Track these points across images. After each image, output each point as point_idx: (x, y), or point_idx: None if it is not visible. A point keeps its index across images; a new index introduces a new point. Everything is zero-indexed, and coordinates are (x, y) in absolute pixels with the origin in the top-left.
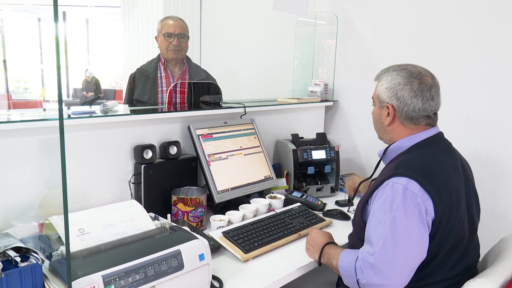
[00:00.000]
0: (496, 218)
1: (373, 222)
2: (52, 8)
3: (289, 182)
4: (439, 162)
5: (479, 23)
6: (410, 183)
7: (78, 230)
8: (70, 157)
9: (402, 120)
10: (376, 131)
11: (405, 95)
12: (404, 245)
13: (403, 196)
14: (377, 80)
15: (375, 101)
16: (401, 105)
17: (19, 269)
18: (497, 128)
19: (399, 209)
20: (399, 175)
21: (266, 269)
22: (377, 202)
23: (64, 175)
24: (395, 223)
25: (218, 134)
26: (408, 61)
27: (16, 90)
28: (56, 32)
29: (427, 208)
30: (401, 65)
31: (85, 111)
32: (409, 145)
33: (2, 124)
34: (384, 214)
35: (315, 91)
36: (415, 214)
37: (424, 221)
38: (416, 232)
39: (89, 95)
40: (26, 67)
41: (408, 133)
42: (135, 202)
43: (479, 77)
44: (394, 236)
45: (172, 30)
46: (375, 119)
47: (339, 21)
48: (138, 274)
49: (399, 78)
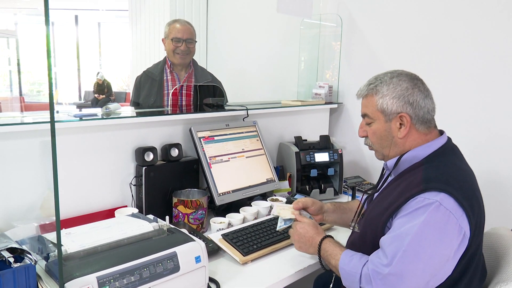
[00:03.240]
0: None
1: (393, 233)
2: (44, 12)
3: (292, 184)
4: (464, 172)
5: (485, 25)
6: (445, 199)
7: (75, 231)
8: (72, 159)
9: (417, 127)
10: (380, 149)
11: (417, 99)
12: (424, 263)
13: (435, 212)
14: (367, 95)
15: (375, 117)
16: (416, 110)
17: (13, 270)
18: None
19: (428, 226)
20: (432, 189)
21: (264, 271)
22: (403, 218)
23: (56, 177)
24: (421, 239)
25: (219, 136)
26: (413, 63)
27: (29, 93)
28: (48, 35)
29: (461, 225)
30: (390, 72)
31: (87, 113)
32: (426, 154)
33: (5, 127)
34: (409, 227)
35: (320, 94)
36: (446, 233)
37: (455, 242)
38: (443, 252)
39: (100, 98)
40: (40, 70)
41: (422, 140)
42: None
43: (485, 77)
44: (416, 253)
45: (181, 35)
46: (381, 136)
47: (343, 23)
48: (133, 275)
49: (404, 83)
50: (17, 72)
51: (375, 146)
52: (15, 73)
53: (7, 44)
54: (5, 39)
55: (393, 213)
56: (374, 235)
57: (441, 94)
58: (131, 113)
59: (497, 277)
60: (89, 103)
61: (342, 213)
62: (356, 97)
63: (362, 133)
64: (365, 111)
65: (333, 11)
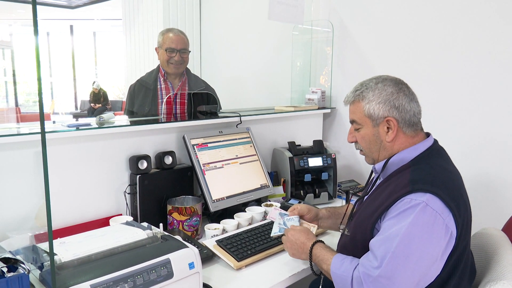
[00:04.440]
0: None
1: (382, 236)
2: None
3: (286, 190)
4: (450, 173)
5: (477, 30)
6: (431, 200)
7: (69, 240)
8: (67, 169)
9: (404, 130)
10: (369, 154)
11: (403, 102)
12: (413, 263)
13: (422, 213)
14: (354, 101)
15: (363, 122)
16: (402, 114)
17: (6, 279)
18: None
19: (416, 227)
20: (418, 190)
21: (258, 276)
22: (391, 219)
23: (47, 185)
24: (409, 240)
25: (213, 143)
26: (404, 68)
27: (25, 104)
28: (37, 44)
29: (448, 225)
30: (375, 78)
31: (81, 123)
32: (412, 157)
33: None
34: (397, 229)
35: (313, 99)
36: (433, 233)
37: (442, 242)
38: (431, 253)
39: (96, 107)
40: (36, 81)
41: (410, 142)
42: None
43: (474, 80)
44: (405, 254)
45: (175, 45)
46: (370, 140)
47: (335, 29)
48: (126, 283)
49: (388, 88)
50: (13, 83)
51: (365, 151)
52: (10, 83)
53: (3, 55)
54: (0, 50)
55: (381, 215)
56: (363, 237)
57: (432, 97)
58: (124, 122)
59: (487, 277)
60: (85, 113)
61: (337, 218)
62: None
63: (351, 139)
64: (353, 117)
65: (325, 17)
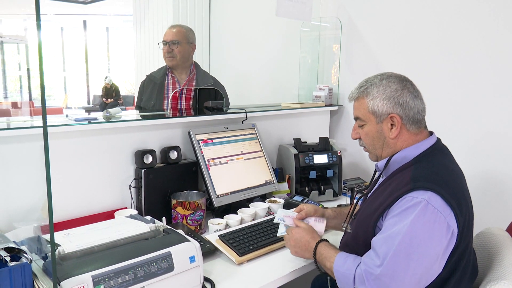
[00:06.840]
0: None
1: (384, 234)
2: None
3: (291, 186)
4: (452, 172)
5: (488, 26)
6: (432, 198)
7: (74, 232)
8: (73, 162)
9: (408, 127)
10: (373, 150)
11: (407, 99)
12: (415, 262)
13: (423, 212)
14: (358, 97)
15: (367, 119)
16: (406, 111)
17: (9, 268)
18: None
19: (417, 225)
20: (420, 188)
21: (259, 272)
22: (393, 218)
23: (49, 178)
24: (411, 239)
25: (218, 139)
26: (412, 65)
27: (39, 98)
28: (39, 40)
29: (449, 223)
30: (380, 74)
31: (87, 117)
32: (415, 155)
33: (7, 131)
34: (399, 227)
35: (320, 96)
36: (435, 231)
37: (444, 240)
38: (433, 251)
39: (108, 101)
40: (50, 75)
41: (413, 140)
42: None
43: (483, 78)
44: (406, 252)
45: (166, 38)
46: (373, 137)
47: (343, 26)
48: (127, 274)
49: (393, 85)
50: (27, 77)
51: (368, 148)
52: (25, 78)
53: (17, 49)
54: (15, 45)
55: (383, 213)
56: (365, 235)
57: (438, 95)
58: (131, 116)
59: (488, 276)
60: (98, 107)
61: (342, 219)
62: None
63: (355, 135)
64: (357, 113)
65: (333, 14)
